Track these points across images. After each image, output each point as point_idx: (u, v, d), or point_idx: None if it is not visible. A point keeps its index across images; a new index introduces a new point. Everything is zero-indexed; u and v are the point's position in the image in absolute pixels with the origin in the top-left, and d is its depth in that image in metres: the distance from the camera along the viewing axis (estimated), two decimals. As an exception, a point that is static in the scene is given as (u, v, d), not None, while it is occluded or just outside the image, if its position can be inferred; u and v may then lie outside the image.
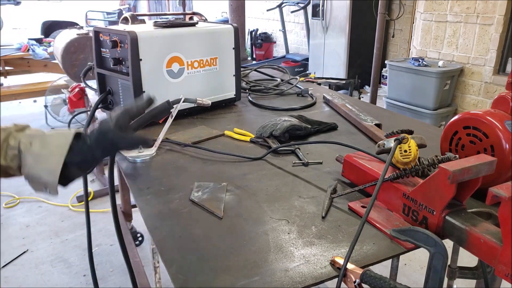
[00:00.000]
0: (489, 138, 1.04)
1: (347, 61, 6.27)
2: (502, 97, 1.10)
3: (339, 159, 1.24)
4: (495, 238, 0.78)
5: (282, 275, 0.82)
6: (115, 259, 2.71)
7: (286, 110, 1.92)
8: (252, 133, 1.56)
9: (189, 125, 1.70)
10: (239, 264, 0.85)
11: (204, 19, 2.18)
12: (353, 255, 0.85)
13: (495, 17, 4.20)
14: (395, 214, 1.01)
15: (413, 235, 0.84)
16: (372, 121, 1.65)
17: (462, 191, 0.90)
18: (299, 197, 1.13)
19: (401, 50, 6.26)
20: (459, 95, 4.74)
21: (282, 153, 1.42)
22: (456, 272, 1.16)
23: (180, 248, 0.91)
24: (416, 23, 5.28)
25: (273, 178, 1.24)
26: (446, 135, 1.17)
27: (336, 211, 1.06)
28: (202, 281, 0.81)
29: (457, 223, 0.86)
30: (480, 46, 4.42)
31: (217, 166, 1.33)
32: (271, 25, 8.97)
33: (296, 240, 0.94)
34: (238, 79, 1.96)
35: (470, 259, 1.07)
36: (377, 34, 3.94)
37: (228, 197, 1.13)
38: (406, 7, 5.72)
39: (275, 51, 8.99)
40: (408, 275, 2.50)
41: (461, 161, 0.87)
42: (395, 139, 1.04)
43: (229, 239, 0.94)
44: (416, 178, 1.02)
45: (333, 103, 1.96)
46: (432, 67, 4.50)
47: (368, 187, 1.09)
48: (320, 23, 6.53)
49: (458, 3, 4.53)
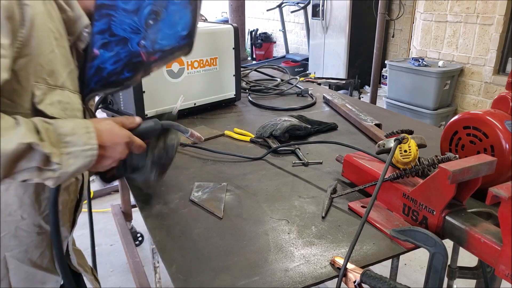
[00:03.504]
0: (489, 138, 1.04)
1: (347, 61, 6.26)
2: (502, 97, 1.10)
3: (339, 159, 1.24)
4: (495, 238, 0.78)
5: (282, 275, 0.82)
6: (115, 259, 2.70)
7: (286, 110, 1.92)
8: (252, 133, 1.56)
9: (189, 125, 1.70)
10: (239, 264, 0.85)
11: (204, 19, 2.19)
12: (353, 255, 0.85)
13: (495, 17, 4.20)
14: (395, 214, 1.01)
15: (413, 235, 0.84)
16: (372, 121, 1.65)
17: (462, 191, 0.90)
18: (299, 197, 1.13)
19: (401, 50, 6.26)
20: (459, 95, 4.74)
21: (282, 153, 1.42)
22: (456, 272, 1.15)
23: (180, 248, 0.91)
24: (416, 23, 5.28)
25: (273, 178, 1.24)
26: (446, 135, 1.17)
27: (336, 211, 1.06)
28: (202, 281, 0.81)
29: (457, 223, 0.86)
30: (480, 46, 4.42)
31: (217, 166, 1.33)
32: (271, 25, 8.97)
33: (296, 240, 0.94)
34: (238, 79, 1.96)
35: (470, 259, 1.07)
36: (377, 34, 3.94)
37: (228, 197, 1.13)
38: (406, 7, 5.72)
39: (275, 51, 8.99)
40: (408, 275, 2.50)
41: (461, 161, 0.87)
42: (395, 139, 1.04)
43: (229, 239, 0.94)
44: (416, 178, 1.02)
45: (333, 103, 1.96)
46: (432, 67, 4.50)
47: (368, 187, 1.09)
48: (320, 23, 6.53)
49: (458, 3, 4.53)
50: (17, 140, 0.68)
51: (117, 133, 0.86)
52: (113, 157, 0.85)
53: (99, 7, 0.84)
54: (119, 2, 0.84)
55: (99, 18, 0.84)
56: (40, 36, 0.76)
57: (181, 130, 1.02)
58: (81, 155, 0.77)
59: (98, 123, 0.83)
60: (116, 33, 0.86)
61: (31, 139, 0.69)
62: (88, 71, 0.89)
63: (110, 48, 0.87)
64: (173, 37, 0.92)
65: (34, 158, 0.71)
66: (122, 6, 0.84)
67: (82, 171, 0.79)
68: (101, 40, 0.86)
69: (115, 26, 0.85)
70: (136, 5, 0.85)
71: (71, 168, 0.76)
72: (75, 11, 0.84)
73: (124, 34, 0.86)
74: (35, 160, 0.71)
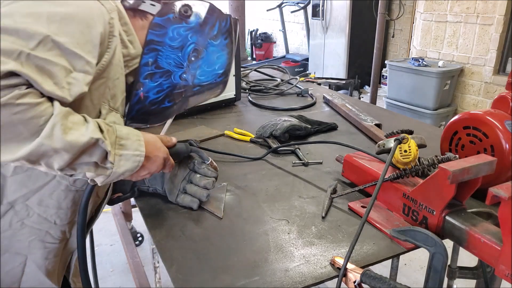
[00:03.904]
0: (489, 138, 1.04)
1: (347, 61, 6.26)
2: (502, 97, 1.10)
3: (339, 159, 1.24)
4: (495, 238, 0.78)
5: (282, 275, 0.82)
6: (115, 259, 2.70)
7: (286, 110, 1.92)
8: (252, 133, 1.56)
9: (189, 125, 1.70)
10: (239, 264, 0.85)
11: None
12: (353, 255, 0.85)
13: (495, 17, 4.20)
14: (395, 214, 1.01)
15: (413, 235, 0.84)
16: (372, 121, 1.65)
17: (462, 191, 0.90)
18: (299, 197, 1.13)
19: (401, 50, 6.25)
20: (459, 95, 4.74)
21: (282, 153, 1.42)
22: (456, 272, 1.15)
23: (180, 248, 0.91)
24: (416, 23, 5.28)
25: (273, 178, 1.24)
26: (446, 135, 1.17)
27: (336, 211, 1.06)
28: (202, 281, 0.81)
29: (457, 223, 0.86)
30: (480, 46, 4.42)
31: (217, 166, 1.33)
32: (271, 25, 8.96)
33: (296, 240, 0.94)
34: (238, 79, 1.96)
35: (470, 259, 1.07)
36: (377, 34, 3.94)
37: (228, 197, 1.13)
38: (406, 7, 5.72)
39: (275, 51, 8.98)
40: (408, 275, 2.50)
41: (461, 161, 0.87)
42: (395, 139, 1.04)
43: (229, 239, 0.94)
44: (416, 178, 1.02)
45: (333, 103, 1.96)
46: (432, 67, 4.50)
47: (368, 187, 1.09)
48: (320, 23, 6.53)
49: (458, 3, 4.53)
50: (89, 134, 0.75)
51: (159, 148, 0.93)
52: (149, 169, 0.91)
53: (149, 43, 0.94)
54: (167, 39, 0.95)
55: (148, 52, 0.94)
56: (115, 64, 0.87)
57: (203, 158, 1.10)
58: (131, 159, 0.83)
59: (145, 135, 0.90)
60: (161, 66, 0.96)
61: (99, 136, 0.76)
62: (132, 98, 0.97)
63: (154, 79, 0.97)
64: (211, 74, 1.05)
65: (96, 153, 0.77)
66: (169, 43, 0.95)
67: (127, 175, 0.85)
68: (147, 71, 0.96)
69: (161, 60, 0.96)
70: (181, 43, 0.96)
71: (121, 169, 0.82)
72: (136, 49, 0.94)
73: (169, 67, 0.97)
74: (96, 155, 0.77)
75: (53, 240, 0.96)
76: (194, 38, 0.97)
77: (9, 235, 0.91)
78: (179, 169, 1.09)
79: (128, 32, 0.95)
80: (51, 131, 0.70)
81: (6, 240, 0.91)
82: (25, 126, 0.68)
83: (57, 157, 0.72)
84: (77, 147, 0.73)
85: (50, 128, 0.70)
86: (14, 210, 0.89)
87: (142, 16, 1.00)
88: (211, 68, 1.04)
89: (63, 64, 0.72)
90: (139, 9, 1.01)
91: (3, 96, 0.65)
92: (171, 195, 1.08)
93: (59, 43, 0.71)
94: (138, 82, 0.95)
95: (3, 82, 0.65)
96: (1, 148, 0.69)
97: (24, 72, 0.67)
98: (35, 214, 0.92)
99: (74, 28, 0.74)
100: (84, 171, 0.79)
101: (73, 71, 0.74)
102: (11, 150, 0.69)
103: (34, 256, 0.95)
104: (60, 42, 0.72)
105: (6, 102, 0.65)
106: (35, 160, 0.72)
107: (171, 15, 0.94)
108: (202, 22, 0.98)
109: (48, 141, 0.70)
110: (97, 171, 0.80)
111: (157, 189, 1.11)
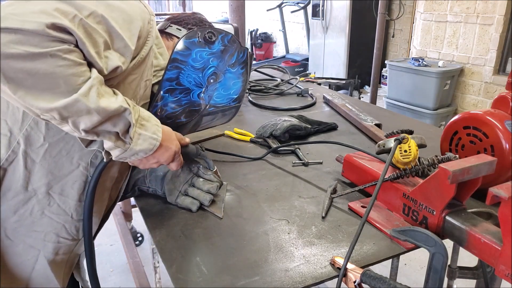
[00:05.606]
0: (489, 138, 1.04)
1: (347, 61, 6.26)
2: (502, 97, 1.10)
3: (339, 159, 1.24)
4: (495, 238, 0.78)
5: (282, 275, 0.82)
6: (115, 259, 2.70)
7: (286, 110, 1.92)
8: (252, 133, 1.56)
9: (189, 125, 1.70)
10: (239, 264, 0.86)
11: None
12: (353, 255, 0.85)
13: (495, 17, 4.20)
14: (395, 214, 1.01)
15: (413, 235, 0.84)
16: (372, 121, 1.65)
17: (462, 191, 0.90)
18: (299, 197, 1.13)
19: (401, 50, 6.25)
20: (459, 95, 4.74)
21: (282, 153, 1.42)
22: (456, 272, 1.15)
23: (180, 248, 0.91)
24: (416, 23, 5.28)
25: (273, 178, 1.24)
26: (446, 135, 1.17)
27: (336, 211, 1.06)
28: (202, 281, 0.81)
29: (457, 223, 0.86)
30: (480, 46, 4.42)
31: (217, 166, 1.33)
32: (271, 25, 8.96)
33: (296, 240, 0.94)
34: (238, 79, 1.96)
35: (470, 259, 1.07)
36: (377, 34, 3.94)
37: (228, 197, 1.13)
38: (406, 7, 5.72)
39: (275, 51, 8.98)
40: (408, 275, 2.50)
41: (461, 161, 0.87)
42: (395, 139, 1.04)
43: (229, 239, 0.94)
44: (416, 178, 1.02)
45: (333, 103, 1.96)
46: (432, 67, 4.50)
47: (368, 187, 1.09)
48: (320, 23, 6.53)
49: (458, 3, 4.53)
50: (119, 103, 0.79)
51: (173, 140, 0.97)
52: (159, 159, 0.94)
53: (173, 60, 1.00)
54: (190, 60, 1.02)
55: (171, 69, 1.00)
56: (148, 65, 0.93)
57: (210, 166, 1.13)
58: (148, 141, 0.87)
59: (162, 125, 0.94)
60: (182, 83, 1.03)
61: (127, 106, 0.81)
62: (151, 109, 1.02)
63: (174, 94, 1.03)
64: (226, 97, 1.13)
65: (119, 124, 0.81)
66: (191, 64, 1.02)
67: (141, 156, 0.89)
68: (168, 86, 1.02)
69: (183, 78, 1.03)
70: (203, 64, 1.04)
71: (137, 147, 0.86)
72: (165, 61, 1.02)
73: (189, 86, 1.04)
74: (119, 126, 0.81)
75: (67, 235, 0.98)
76: (215, 62, 1.05)
77: (28, 224, 0.93)
78: (182, 171, 1.10)
79: (158, 45, 1.07)
80: (88, 91, 0.74)
81: (23, 229, 0.93)
82: (65, 81, 0.72)
83: (86, 117, 0.76)
84: (107, 112, 0.77)
85: (88, 88, 0.74)
86: (37, 198, 0.92)
87: (168, 37, 1.16)
88: (227, 92, 1.12)
89: (106, 38, 0.78)
90: (166, 31, 1.17)
91: (53, 46, 0.69)
92: (171, 195, 1.08)
93: (106, 19, 0.77)
94: (159, 94, 1.01)
95: (56, 34, 0.69)
96: (38, 95, 0.72)
97: (76, 32, 0.71)
98: (56, 204, 0.94)
99: (118, 15, 0.80)
100: (106, 139, 0.83)
101: (111, 48, 0.79)
102: (47, 99, 0.72)
103: (46, 251, 0.96)
104: (108, 19, 0.77)
105: (55, 53, 0.69)
106: (66, 116, 0.75)
107: (196, 39, 1.01)
108: (223, 50, 1.06)
109: (84, 99, 0.74)
110: (116, 142, 0.84)
111: (156, 191, 1.12)
